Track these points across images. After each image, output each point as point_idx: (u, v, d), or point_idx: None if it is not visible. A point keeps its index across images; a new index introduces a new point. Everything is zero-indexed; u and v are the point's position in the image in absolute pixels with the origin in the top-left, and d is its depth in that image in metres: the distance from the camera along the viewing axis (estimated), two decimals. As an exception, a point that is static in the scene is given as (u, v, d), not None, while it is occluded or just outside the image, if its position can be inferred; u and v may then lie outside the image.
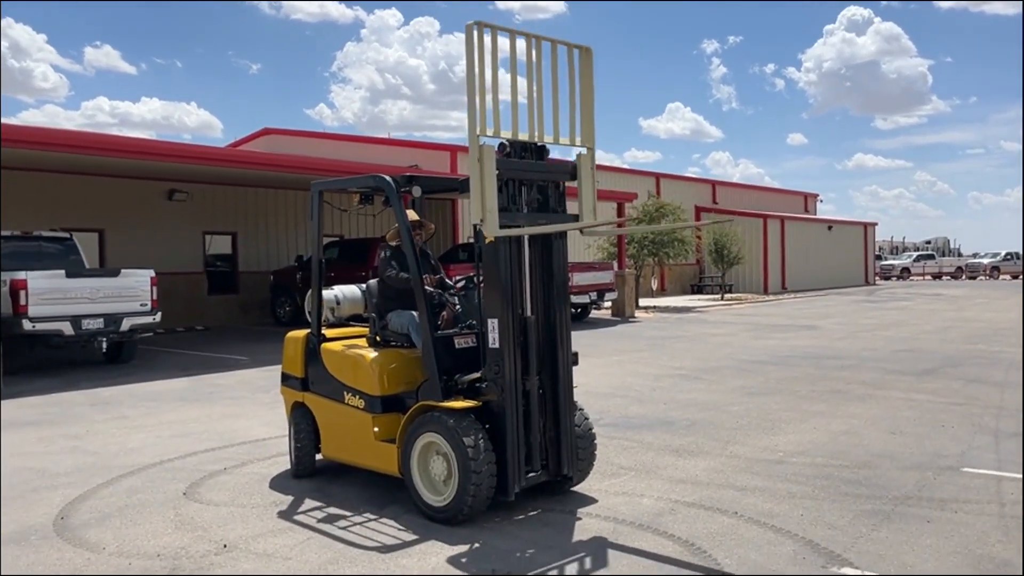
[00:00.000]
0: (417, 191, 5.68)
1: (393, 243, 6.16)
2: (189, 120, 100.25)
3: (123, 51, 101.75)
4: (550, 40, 5.17)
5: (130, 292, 12.36)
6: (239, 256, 22.22)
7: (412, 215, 5.92)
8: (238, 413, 8.87)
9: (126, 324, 12.28)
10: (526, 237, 5.21)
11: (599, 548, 4.65)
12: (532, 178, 5.32)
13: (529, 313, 5.26)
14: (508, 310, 5.10)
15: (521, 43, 5.15)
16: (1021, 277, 44.29)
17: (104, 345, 12.31)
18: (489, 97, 4.88)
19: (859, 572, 4.24)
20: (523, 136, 5.13)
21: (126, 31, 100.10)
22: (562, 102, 5.28)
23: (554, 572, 4.32)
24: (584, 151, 5.41)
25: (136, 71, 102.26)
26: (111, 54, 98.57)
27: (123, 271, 12.56)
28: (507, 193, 5.13)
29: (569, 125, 5.35)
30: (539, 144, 5.29)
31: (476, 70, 4.76)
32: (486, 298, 5.23)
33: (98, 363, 13.00)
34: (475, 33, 4.76)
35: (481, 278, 5.34)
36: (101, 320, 11.99)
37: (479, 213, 4.77)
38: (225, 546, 4.75)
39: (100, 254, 18.96)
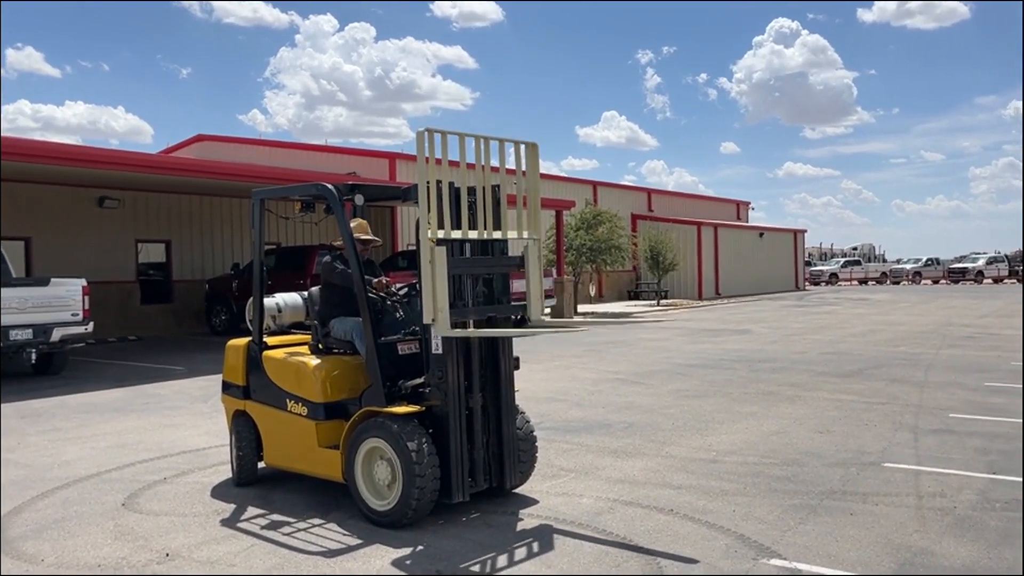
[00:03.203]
0: (360, 199, 5.75)
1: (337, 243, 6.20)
2: (117, 125, 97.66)
3: (46, 53, 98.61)
4: (498, 139, 5.38)
5: (60, 302, 12.06)
6: (173, 264, 21.80)
7: (362, 227, 5.97)
8: (176, 423, 8.76)
9: (56, 335, 11.98)
10: (468, 249, 5.34)
11: (542, 548, 4.78)
12: (479, 272, 5.47)
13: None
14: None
15: (470, 142, 5.29)
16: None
17: (33, 356, 11.98)
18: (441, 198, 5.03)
19: (787, 563, 4.46)
20: (472, 234, 5.27)
21: (49, 32, 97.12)
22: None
23: (503, 563, 4.43)
24: (532, 240, 5.57)
25: (60, 74, 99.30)
26: (33, 56, 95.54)
27: (53, 280, 12.25)
28: (454, 288, 5.21)
29: (516, 217, 5.55)
30: (488, 239, 5.42)
31: (427, 174, 4.91)
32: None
33: (27, 375, 12.64)
34: (426, 138, 4.92)
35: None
36: (30, 331, 11.68)
37: (431, 312, 4.92)
38: (167, 555, 4.74)
39: (26, 263, 18.40)
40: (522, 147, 5.48)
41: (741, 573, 4.33)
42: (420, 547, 4.79)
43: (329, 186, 5.74)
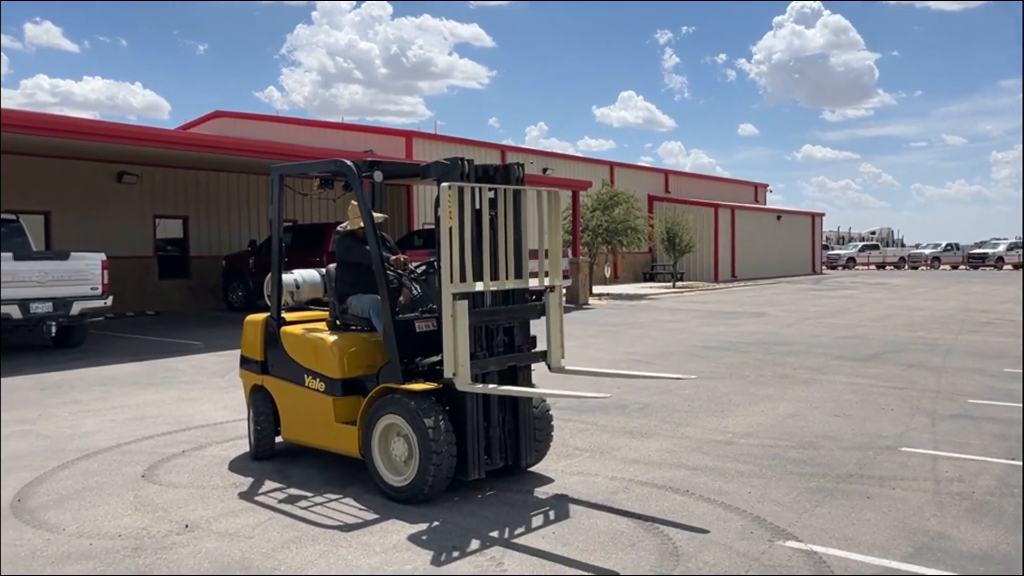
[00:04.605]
0: (379, 176, 5.74)
1: (350, 225, 6.21)
2: (135, 101, 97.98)
3: (65, 28, 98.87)
4: (522, 189, 5.45)
5: (80, 276, 12.15)
6: (190, 240, 21.90)
7: (355, 211, 5.96)
8: (194, 397, 8.84)
9: (76, 308, 12.08)
10: (486, 228, 5.33)
11: (557, 526, 4.79)
12: (500, 322, 5.45)
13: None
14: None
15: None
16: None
17: (53, 329, 12.10)
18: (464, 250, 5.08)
19: (803, 545, 4.45)
20: (494, 285, 5.29)
21: (67, 7, 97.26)
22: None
23: (518, 541, 4.45)
24: (552, 288, 5.62)
25: (79, 49, 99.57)
26: (52, 31, 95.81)
27: (73, 254, 12.34)
28: (475, 338, 5.20)
29: (539, 265, 5.58)
30: (510, 289, 5.45)
31: (449, 227, 4.93)
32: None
33: (47, 347, 12.77)
34: (448, 192, 4.94)
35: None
36: (50, 304, 11.79)
37: (452, 366, 4.95)
38: (187, 526, 4.79)
39: (46, 237, 18.55)
40: (543, 194, 5.52)
41: (757, 554, 4.33)
42: (436, 523, 4.82)
43: (348, 162, 5.73)
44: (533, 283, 5.53)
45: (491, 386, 5.20)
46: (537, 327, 5.71)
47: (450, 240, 4.95)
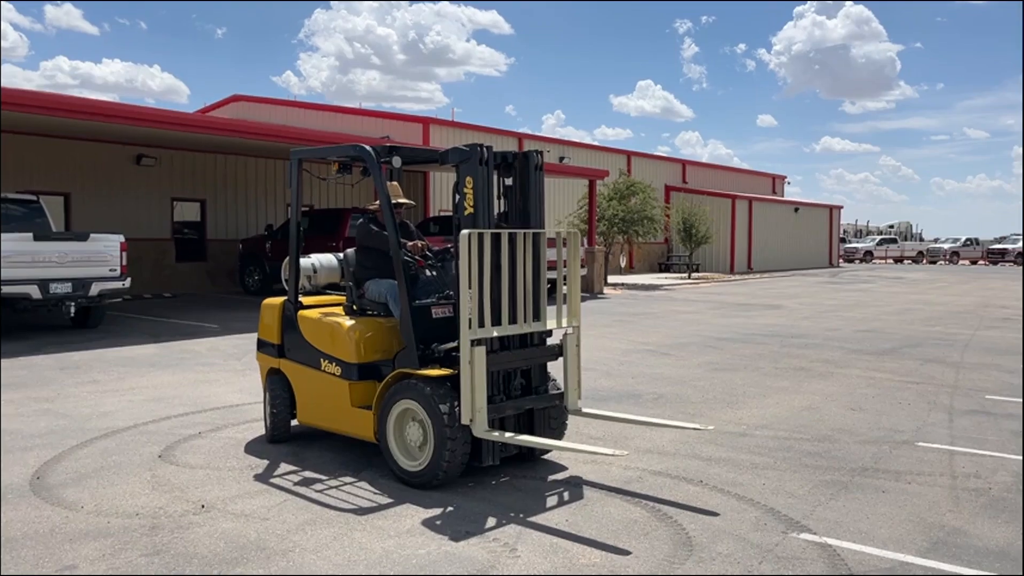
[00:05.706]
0: (397, 161, 5.74)
1: (372, 206, 6.23)
2: (153, 83, 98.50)
3: (84, 10, 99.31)
4: (542, 232, 5.49)
5: (99, 257, 12.24)
6: (208, 223, 22.01)
7: (395, 190, 5.98)
8: (211, 379, 8.90)
9: (95, 289, 12.17)
10: (504, 250, 5.32)
11: (570, 513, 4.80)
12: (517, 365, 5.44)
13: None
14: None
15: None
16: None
17: (72, 310, 12.21)
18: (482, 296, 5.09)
19: (817, 538, 4.44)
20: (512, 329, 5.28)
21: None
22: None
23: (531, 527, 4.46)
24: (570, 329, 5.63)
25: (98, 31, 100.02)
26: (72, 13, 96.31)
27: (92, 235, 12.41)
28: (492, 382, 5.19)
29: (556, 307, 5.61)
30: (528, 333, 5.45)
31: (468, 273, 4.94)
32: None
33: (65, 328, 12.89)
34: (467, 239, 4.95)
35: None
36: (69, 284, 11.89)
37: (469, 412, 4.94)
38: (203, 506, 4.84)
39: (66, 218, 18.71)
40: (563, 236, 5.55)
41: (771, 546, 4.32)
42: (450, 508, 4.84)
43: (367, 147, 5.73)
44: (551, 324, 5.54)
45: (508, 434, 5.18)
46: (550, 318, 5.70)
47: (468, 286, 4.96)
